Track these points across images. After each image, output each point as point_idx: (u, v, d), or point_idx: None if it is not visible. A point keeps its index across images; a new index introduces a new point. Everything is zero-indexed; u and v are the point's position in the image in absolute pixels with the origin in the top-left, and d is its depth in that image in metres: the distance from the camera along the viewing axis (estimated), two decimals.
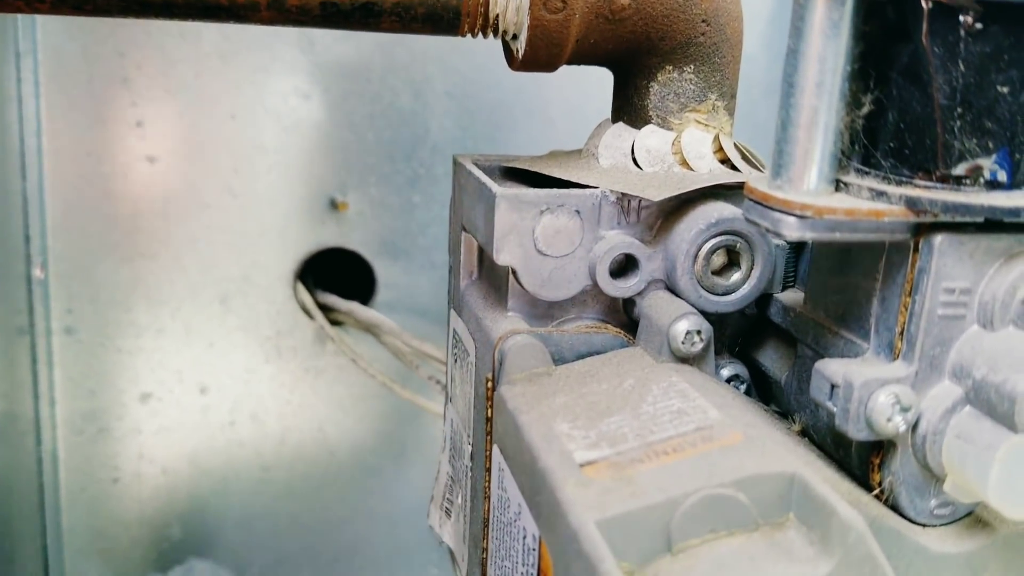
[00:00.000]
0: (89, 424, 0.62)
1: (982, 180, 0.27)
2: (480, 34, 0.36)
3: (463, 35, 0.36)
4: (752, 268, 0.35)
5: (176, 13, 0.33)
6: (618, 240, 0.34)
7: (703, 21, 0.36)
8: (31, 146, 0.55)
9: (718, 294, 0.35)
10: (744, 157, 0.38)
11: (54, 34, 0.54)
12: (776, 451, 0.29)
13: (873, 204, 0.27)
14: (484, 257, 0.40)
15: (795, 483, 0.28)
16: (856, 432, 0.28)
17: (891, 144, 0.27)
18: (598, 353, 0.35)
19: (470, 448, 0.40)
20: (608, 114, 0.41)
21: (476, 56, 0.60)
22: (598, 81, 0.42)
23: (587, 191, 0.34)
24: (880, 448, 0.29)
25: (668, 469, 0.27)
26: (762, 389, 0.37)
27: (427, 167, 0.62)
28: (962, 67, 0.26)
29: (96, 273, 0.59)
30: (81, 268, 0.58)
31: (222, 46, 0.57)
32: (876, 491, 0.29)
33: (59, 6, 0.33)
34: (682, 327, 0.33)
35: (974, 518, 0.30)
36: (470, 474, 0.40)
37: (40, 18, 0.54)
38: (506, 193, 0.33)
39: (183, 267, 0.60)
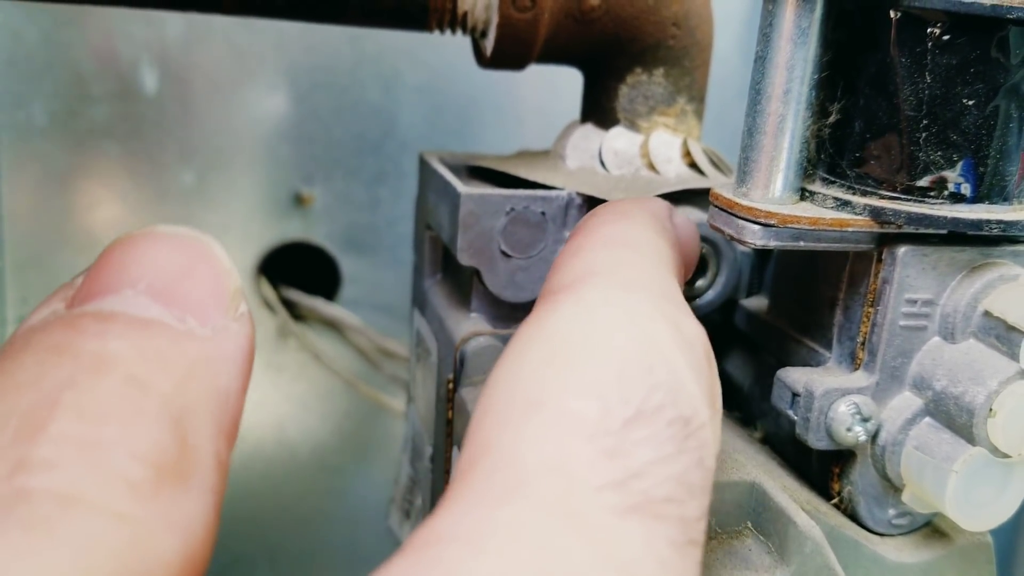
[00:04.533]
0: None
1: (946, 192, 0.27)
2: (448, 30, 0.36)
3: (431, 31, 0.36)
4: (717, 274, 0.35)
5: (139, 2, 0.33)
6: None
7: (673, 24, 0.36)
8: None
9: None
10: (712, 162, 0.38)
11: (14, 17, 0.53)
12: (736, 459, 0.29)
13: (837, 214, 0.27)
14: (448, 256, 0.40)
15: (754, 491, 0.28)
16: (816, 441, 0.28)
17: (857, 154, 0.27)
18: None
19: (430, 449, 0.39)
20: (578, 114, 0.40)
21: (447, 52, 0.60)
22: (569, 81, 0.42)
23: (553, 193, 0.34)
24: (840, 457, 0.29)
25: None
26: (726, 396, 0.37)
27: (395, 162, 0.61)
28: (928, 78, 0.26)
29: (52, 263, 0.57)
30: (37, 257, 0.57)
31: (187, 35, 0.56)
32: (835, 500, 0.30)
33: None
34: None
35: (932, 528, 0.30)
36: (430, 476, 0.39)
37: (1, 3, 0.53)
38: (471, 192, 0.33)
39: None
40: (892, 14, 0.26)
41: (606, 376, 0.17)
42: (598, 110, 0.38)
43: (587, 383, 0.17)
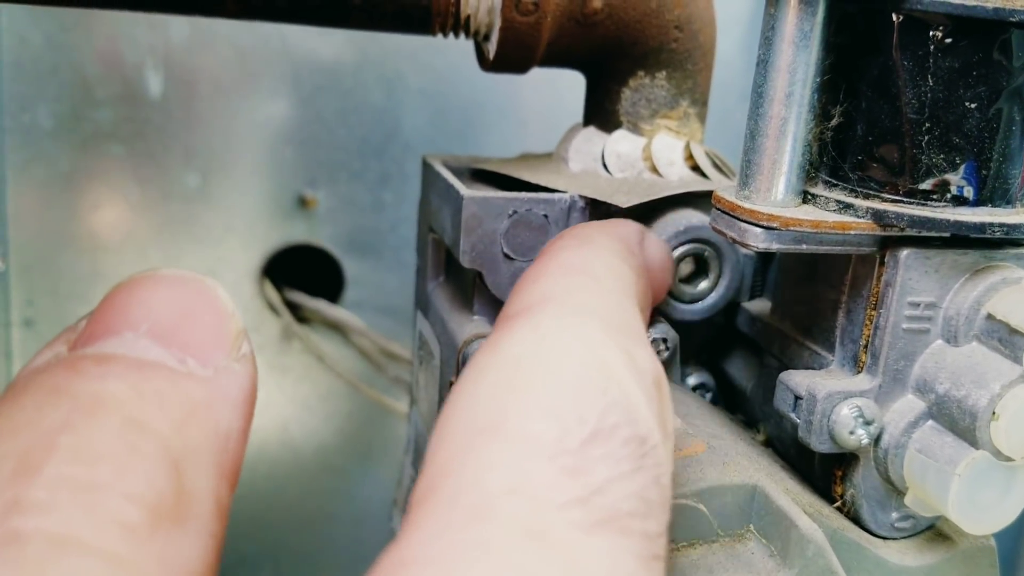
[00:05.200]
0: None
1: (949, 195, 0.27)
2: (452, 34, 0.36)
3: (434, 34, 0.36)
4: (720, 277, 0.35)
5: (141, 5, 0.33)
6: None
7: (676, 27, 0.36)
8: None
9: (685, 302, 0.35)
10: (715, 165, 0.38)
11: (20, 21, 0.53)
12: (739, 462, 0.29)
13: (840, 217, 0.27)
14: (451, 259, 0.40)
15: (756, 495, 0.28)
16: (819, 444, 0.28)
17: (859, 157, 0.27)
18: None
19: None
20: (580, 117, 0.40)
21: (450, 55, 0.60)
22: (572, 84, 0.42)
23: (556, 195, 0.34)
24: (843, 460, 0.29)
25: None
26: (728, 398, 0.37)
27: (398, 165, 0.61)
28: (931, 81, 0.26)
29: (57, 265, 0.58)
30: (42, 260, 0.57)
31: (191, 38, 0.56)
32: (838, 503, 0.29)
33: None
34: (648, 334, 0.33)
35: (934, 532, 0.30)
36: None
37: (4, 6, 0.53)
38: (474, 195, 0.33)
39: (147, 261, 0.59)
40: (894, 17, 0.26)
41: (562, 398, 0.18)
42: (601, 113, 0.38)
43: (543, 405, 0.18)
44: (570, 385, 0.18)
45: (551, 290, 0.22)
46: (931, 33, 0.25)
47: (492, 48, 0.36)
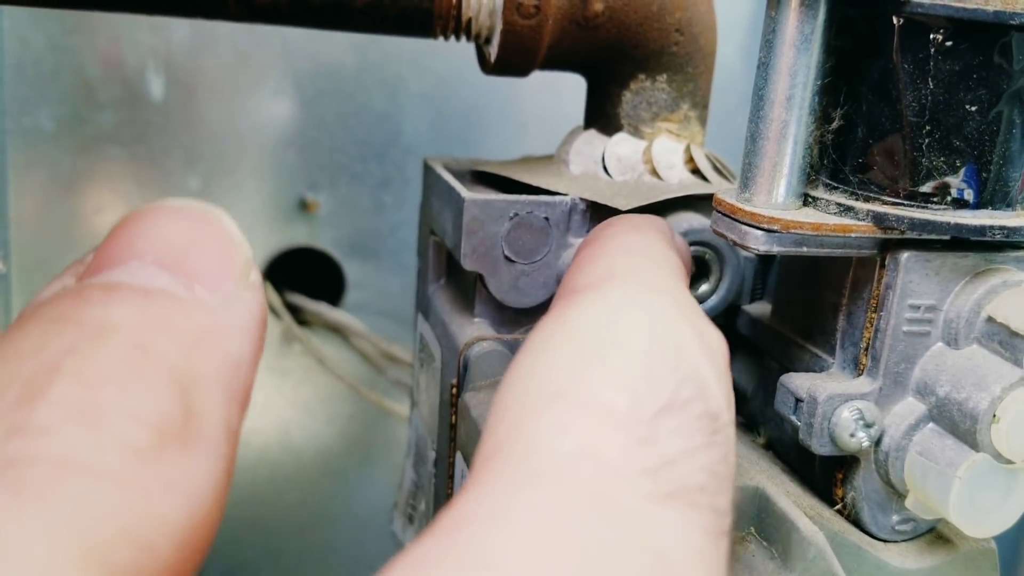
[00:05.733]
0: None
1: (949, 198, 0.27)
2: (453, 37, 0.36)
3: (436, 37, 0.36)
4: (720, 279, 0.35)
5: (143, 7, 0.33)
6: None
7: (677, 31, 0.36)
8: None
9: None
10: (715, 168, 0.38)
11: (22, 24, 0.53)
12: (739, 465, 0.29)
13: (840, 219, 0.27)
14: (452, 261, 0.40)
15: (757, 497, 0.28)
16: (819, 447, 0.28)
17: (859, 160, 0.27)
18: None
19: (434, 454, 0.39)
20: (581, 121, 0.40)
21: (451, 58, 0.60)
22: (573, 87, 0.42)
23: (557, 198, 0.34)
24: (843, 463, 0.29)
25: None
26: None
27: (399, 168, 0.61)
28: (931, 84, 0.26)
29: (58, 267, 0.58)
30: (43, 262, 0.57)
31: (193, 41, 0.56)
32: (838, 506, 0.29)
33: None
34: None
35: (935, 534, 0.30)
36: (433, 480, 0.39)
37: (5, 9, 0.53)
38: (475, 198, 0.33)
39: None
40: (895, 20, 0.26)
41: (634, 370, 0.18)
42: (601, 116, 0.38)
43: (615, 376, 0.17)
44: (643, 358, 0.18)
45: (616, 267, 0.22)
46: (931, 36, 0.25)
47: (493, 51, 0.36)
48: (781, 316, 0.33)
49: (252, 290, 0.18)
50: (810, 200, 0.28)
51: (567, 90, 0.46)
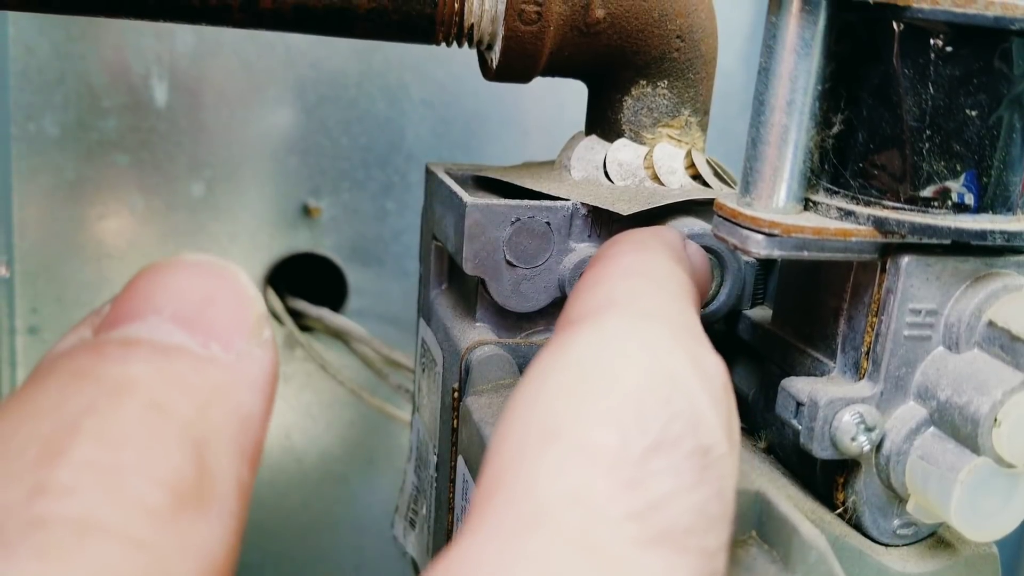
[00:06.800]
0: None
1: (949, 202, 0.27)
2: (455, 43, 0.36)
3: (438, 44, 0.36)
4: (721, 284, 0.35)
5: (147, 13, 0.33)
6: (588, 253, 0.34)
7: (678, 37, 0.36)
8: None
9: None
10: (716, 173, 0.38)
11: (27, 31, 0.54)
12: (740, 469, 0.29)
13: (841, 224, 0.27)
14: (454, 266, 0.40)
15: (758, 501, 0.28)
16: (820, 451, 0.28)
17: (860, 164, 0.27)
18: None
19: (435, 459, 0.39)
20: (583, 127, 0.41)
21: (453, 64, 0.60)
22: (574, 93, 0.42)
23: (558, 203, 0.34)
24: (844, 467, 0.29)
25: None
26: None
27: (401, 174, 0.62)
28: (932, 89, 0.26)
29: (62, 272, 0.58)
30: (47, 268, 0.58)
31: (197, 48, 0.57)
32: (839, 510, 0.29)
33: (26, 3, 0.32)
34: None
35: (936, 539, 0.30)
36: (435, 485, 0.39)
37: (11, 14, 0.53)
38: (476, 203, 0.33)
39: None
40: (895, 26, 0.26)
41: (624, 406, 0.18)
42: (603, 122, 0.38)
43: (605, 413, 0.17)
44: (633, 393, 0.18)
45: (614, 294, 0.22)
46: (932, 41, 0.26)
47: (495, 57, 0.36)
48: (782, 320, 0.34)
49: (264, 347, 0.18)
50: (811, 205, 0.28)
51: (568, 96, 0.46)
